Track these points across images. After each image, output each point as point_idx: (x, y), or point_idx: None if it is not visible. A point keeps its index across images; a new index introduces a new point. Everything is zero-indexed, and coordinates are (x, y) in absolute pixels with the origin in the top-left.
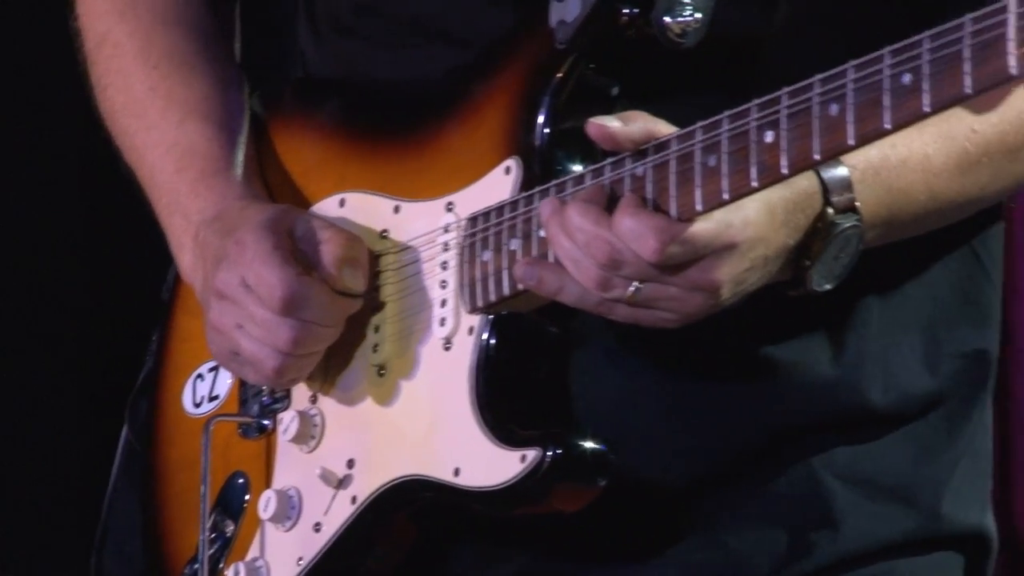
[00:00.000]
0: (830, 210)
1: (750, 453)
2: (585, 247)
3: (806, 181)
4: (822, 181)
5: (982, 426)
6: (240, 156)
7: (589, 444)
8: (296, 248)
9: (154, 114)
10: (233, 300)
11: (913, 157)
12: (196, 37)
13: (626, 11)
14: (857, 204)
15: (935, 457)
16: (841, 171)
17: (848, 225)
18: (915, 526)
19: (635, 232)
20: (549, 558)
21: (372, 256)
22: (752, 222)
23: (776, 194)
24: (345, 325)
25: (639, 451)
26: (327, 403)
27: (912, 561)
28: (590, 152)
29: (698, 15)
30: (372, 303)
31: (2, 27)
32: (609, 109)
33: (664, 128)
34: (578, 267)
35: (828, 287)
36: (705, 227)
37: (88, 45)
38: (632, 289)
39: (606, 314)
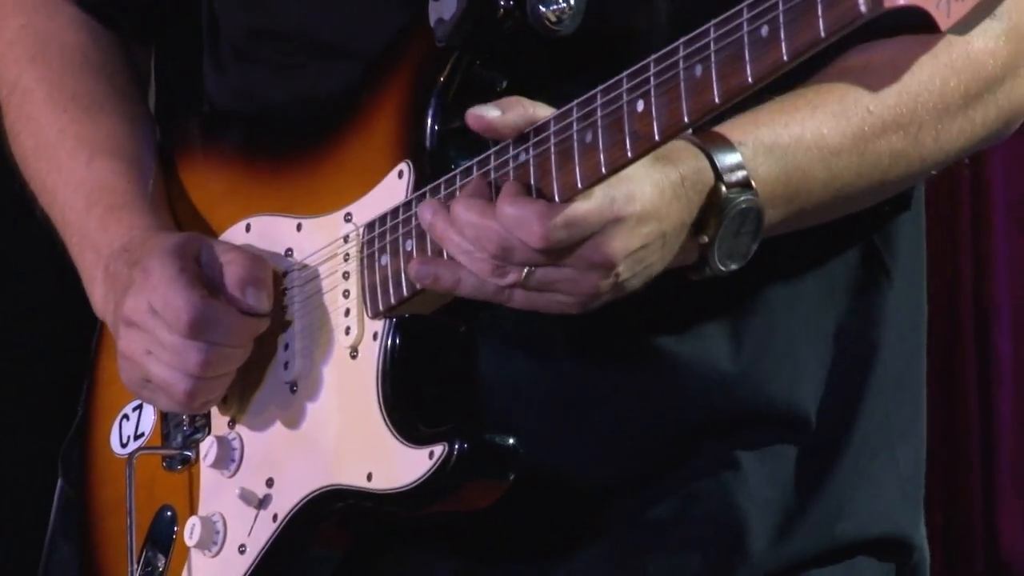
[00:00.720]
0: (723, 187)
1: (658, 456)
2: (475, 241)
3: (696, 162)
4: (713, 164)
5: (890, 432)
6: (148, 190)
7: (497, 437)
8: (201, 273)
9: (64, 155)
10: (141, 327)
11: (807, 135)
12: (104, 79)
13: (501, 3)
14: (752, 181)
15: (836, 462)
16: (731, 154)
17: (743, 199)
18: (826, 536)
19: (518, 219)
20: (483, 563)
21: (278, 275)
22: (638, 197)
23: (662, 172)
24: (255, 346)
25: (553, 455)
26: (244, 426)
27: (825, 571)
28: (481, 148)
29: (571, 1)
30: (280, 321)
31: None
32: None
33: (544, 111)
34: (471, 258)
35: (734, 267)
36: (587, 205)
37: (1, 93)
38: (524, 272)
39: (505, 302)
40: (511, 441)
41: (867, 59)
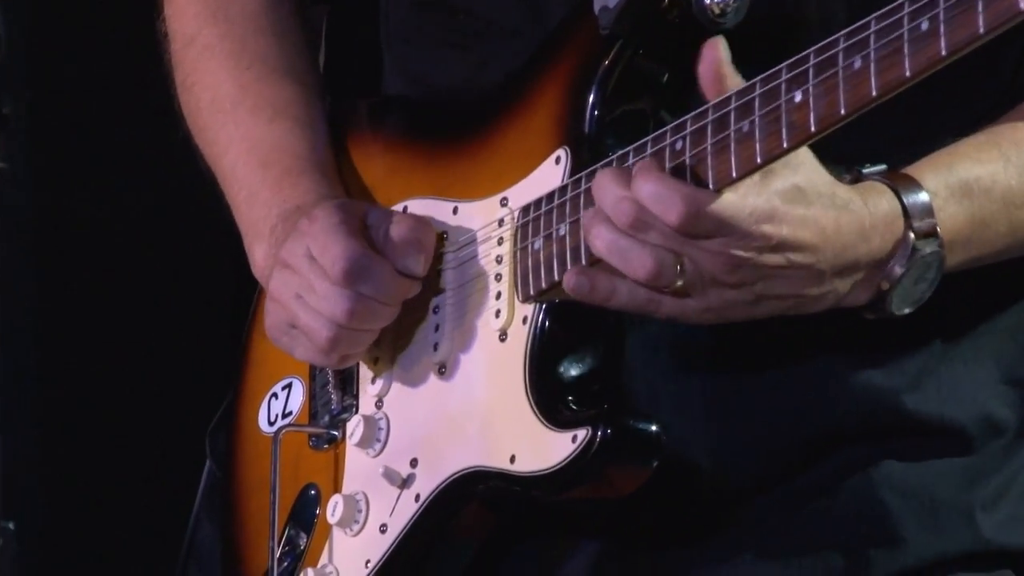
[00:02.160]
0: (911, 235)
1: (802, 457)
2: (612, 210)
3: (887, 205)
4: (903, 205)
5: None
6: (320, 162)
7: (641, 424)
8: (365, 229)
9: (243, 112)
10: (295, 269)
11: (996, 188)
12: (286, 44)
13: None
14: (938, 229)
15: (989, 476)
16: (922, 196)
17: (929, 251)
18: (969, 541)
19: (657, 196)
20: (623, 552)
21: (435, 253)
22: (784, 219)
23: (848, 211)
24: (409, 318)
25: (696, 452)
26: (391, 406)
27: None
28: (639, 136)
29: None
30: (432, 300)
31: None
32: (659, 95)
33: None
34: (625, 257)
35: (908, 311)
36: (725, 203)
37: (175, 46)
38: (678, 269)
39: (654, 312)
40: (654, 428)
41: None
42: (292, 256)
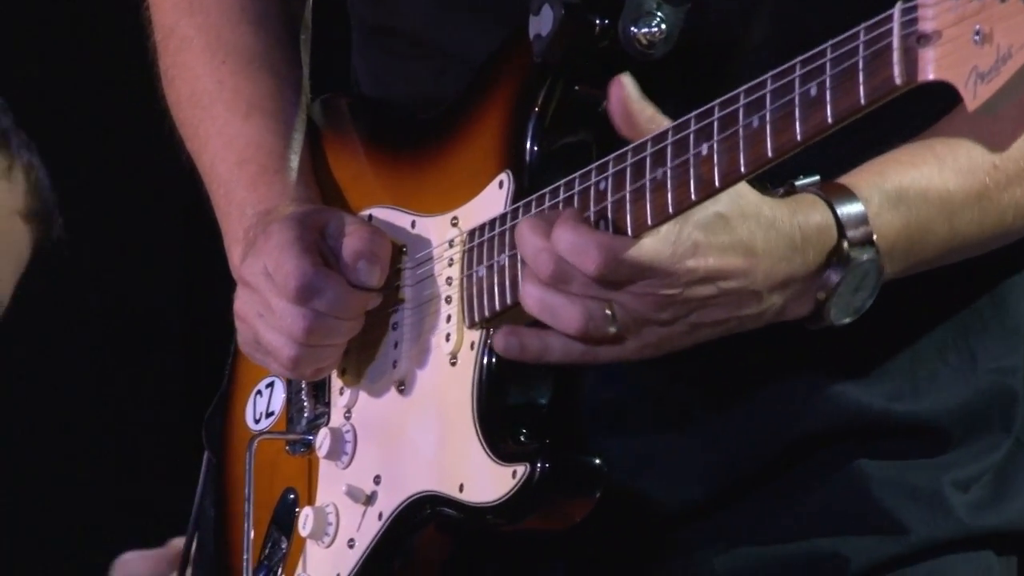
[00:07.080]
0: (845, 243)
1: (779, 459)
2: (532, 261)
3: (819, 216)
4: (836, 216)
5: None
6: (296, 159)
7: (581, 457)
8: (321, 243)
9: (220, 107)
10: (255, 288)
11: (931, 191)
12: (263, 33)
13: (597, 20)
14: (874, 237)
15: (965, 465)
16: (856, 206)
17: (866, 258)
18: (948, 526)
19: (575, 246)
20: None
21: (393, 270)
22: (708, 250)
23: (776, 229)
24: (374, 330)
25: (658, 465)
26: (359, 418)
27: (945, 560)
28: (578, 165)
29: (664, 27)
30: (392, 315)
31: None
32: (596, 124)
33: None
34: (554, 314)
35: (848, 321)
36: (646, 247)
37: (156, 37)
38: (609, 317)
39: (592, 362)
40: (596, 461)
41: None
42: (251, 274)
